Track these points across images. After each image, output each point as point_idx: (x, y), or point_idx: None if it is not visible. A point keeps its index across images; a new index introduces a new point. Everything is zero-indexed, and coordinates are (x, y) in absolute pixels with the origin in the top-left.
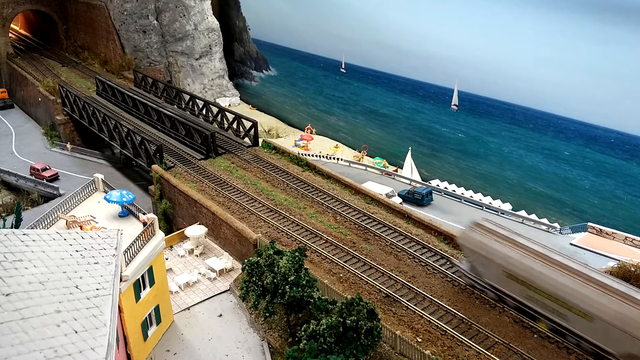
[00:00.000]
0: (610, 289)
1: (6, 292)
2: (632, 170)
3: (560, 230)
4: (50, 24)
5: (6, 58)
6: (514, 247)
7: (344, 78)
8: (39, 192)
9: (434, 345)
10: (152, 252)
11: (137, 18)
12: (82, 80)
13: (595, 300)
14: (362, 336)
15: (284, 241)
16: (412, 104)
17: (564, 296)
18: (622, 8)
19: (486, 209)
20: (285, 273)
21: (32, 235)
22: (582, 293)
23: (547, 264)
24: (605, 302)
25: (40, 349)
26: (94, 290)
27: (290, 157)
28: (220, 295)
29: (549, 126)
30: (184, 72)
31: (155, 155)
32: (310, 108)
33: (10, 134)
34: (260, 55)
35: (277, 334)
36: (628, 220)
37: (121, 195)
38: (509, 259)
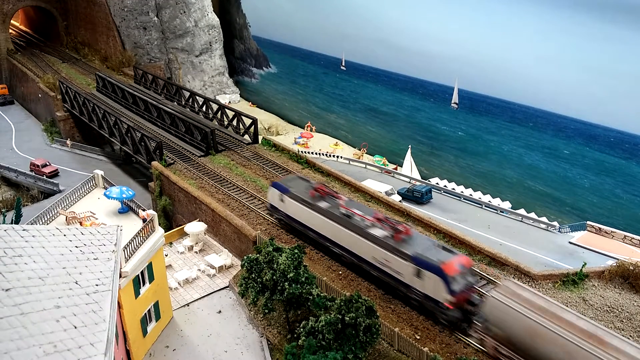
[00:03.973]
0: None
1: (6, 287)
2: (631, 169)
3: (559, 228)
4: (50, 20)
5: (6, 54)
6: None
7: (344, 76)
8: (38, 188)
9: (433, 342)
10: (152, 248)
11: (138, 14)
12: (82, 77)
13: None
14: (361, 333)
15: (283, 238)
16: (412, 102)
17: None
18: (623, 7)
19: (486, 207)
20: (284, 270)
21: (31, 231)
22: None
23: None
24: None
25: (39, 344)
26: (94, 286)
27: (290, 155)
28: (219, 292)
29: (548, 125)
30: (184, 69)
31: (155, 152)
32: (310, 105)
33: (10, 130)
34: (260, 53)
35: (276, 331)
36: (627, 219)
37: (121, 192)
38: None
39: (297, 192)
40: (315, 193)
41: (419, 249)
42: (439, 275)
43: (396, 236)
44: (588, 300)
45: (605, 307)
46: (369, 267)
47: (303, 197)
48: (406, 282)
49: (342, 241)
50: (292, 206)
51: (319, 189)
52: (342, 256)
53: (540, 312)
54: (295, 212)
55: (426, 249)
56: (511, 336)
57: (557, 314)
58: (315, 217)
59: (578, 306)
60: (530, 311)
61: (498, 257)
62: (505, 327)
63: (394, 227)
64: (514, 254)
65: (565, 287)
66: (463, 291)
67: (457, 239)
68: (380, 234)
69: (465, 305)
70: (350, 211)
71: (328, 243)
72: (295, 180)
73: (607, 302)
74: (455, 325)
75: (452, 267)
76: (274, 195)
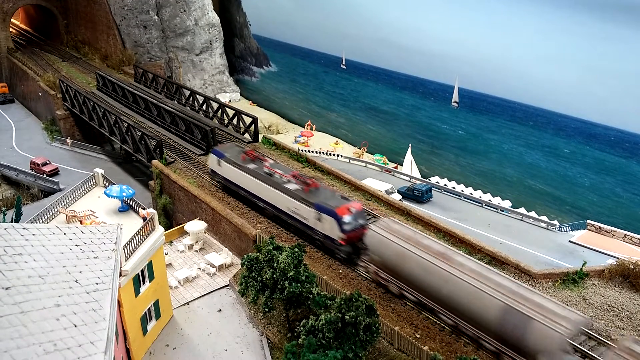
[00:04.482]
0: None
1: (6, 285)
2: (631, 168)
3: (559, 227)
4: (50, 18)
5: (7, 53)
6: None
7: (345, 74)
8: (39, 187)
9: (433, 341)
10: (152, 247)
11: (138, 13)
12: (83, 75)
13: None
14: (361, 332)
15: (283, 237)
16: (412, 101)
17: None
18: (623, 6)
19: (486, 206)
20: (284, 269)
21: (32, 230)
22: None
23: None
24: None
25: (39, 342)
26: (94, 285)
27: (290, 154)
28: (219, 291)
29: (549, 124)
30: (184, 67)
31: (155, 151)
32: (311, 104)
33: (11, 129)
34: (260, 51)
35: (276, 329)
36: (627, 218)
37: (121, 190)
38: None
39: (231, 157)
40: (245, 157)
41: (321, 198)
42: (333, 218)
43: (305, 189)
44: (588, 299)
45: (606, 306)
46: (285, 216)
47: (235, 160)
48: (311, 226)
49: (265, 196)
50: (227, 169)
51: (248, 153)
52: (265, 209)
53: (406, 240)
54: (229, 174)
55: (327, 198)
56: (386, 260)
57: (419, 241)
58: (245, 177)
59: (578, 305)
60: (399, 239)
61: (498, 256)
62: (381, 253)
63: (305, 181)
64: (514, 253)
65: (565, 286)
66: (353, 230)
67: (457, 237)
68: (293, 187)
69: (356, 241)
70: (272, 170)
71: (255, 199)
72: (231, 147)
73: (607, 301)
74: (348, 259)
75: (344, 210)
76: (213, 160)
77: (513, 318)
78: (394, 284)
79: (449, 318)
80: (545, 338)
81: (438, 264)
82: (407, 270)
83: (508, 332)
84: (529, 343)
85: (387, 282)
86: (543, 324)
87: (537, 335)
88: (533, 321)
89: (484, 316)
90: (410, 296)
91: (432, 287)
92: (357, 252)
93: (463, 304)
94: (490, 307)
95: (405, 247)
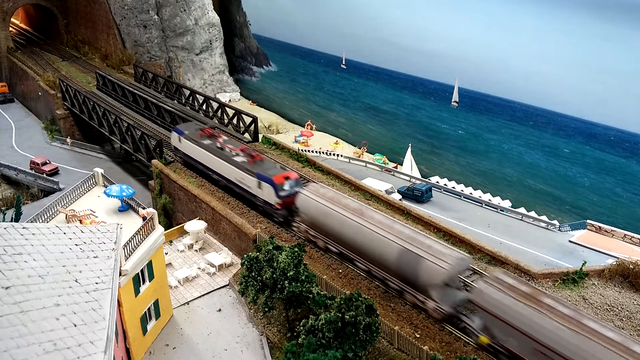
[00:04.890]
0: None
1: (6, 285)
2: (631, 168)
3: (559, 227)
4: (50, 18)
5: (6, 52)
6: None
7: (345, 74)
8: (38, 186)
9: (432, 340)
10: (152, 246)
11: (138, 13)
12: (83, 75)
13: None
14: (361, 331)
15: (283, 237)
16: (412, 101)
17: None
18: (622, 6)
19: (486, 206)
20: (284, 268)
21: (31, 229)
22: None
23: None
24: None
25: (39, 342)
26: (93, 284)
27: (290, 153)
28: (219, 290)
29: (549, 124)
30: (184, 67)
31: (155, 150)
32: (311, 104)
33: (11, 128)
34: (260, 51)
35: (276, 329)
36: (627, 218)
37: (121, 190)
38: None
39: (190, 134)
40: (202, 134)
41: (262, 169)
42: (271, 185)
43: (250, 161)
44: (588, 298)
45: (605, 306)
46: (233, 185)
47: (193, 137)
48: (253, 193)
49: (217, 168)
50: (187, 145)
51: (205, 130)
52: (219, 181)
53: (329, 200)
54: (188, 150)
55: (267, 169)
56: (312, 219)
57: (339, 200)
58: (201, 152)
59: (578, 305)
60: (323, 199)
61: (498, 255)
62: (309, 213)
63: (250, 154)
64: (514, 253)
65: (565, 286)
66: (288, 196)
67: (457, 237)
68: (240, 160)
69: (291, 206)
70: (223, 145)
71: (210, 172)
72: (190, 125)
73: (607, 300)
74: (285, 221)
75: (280, 179)
76: (175, 138)
77: (408, 258)
78: (321, 239)
79: (363, 265)
80: (432, 273)
81: (353, 218)
82: (329, 225)
83: (405, 270)
84: (420, 278)
85: (315, 239)
86: (431, 262)
87: (426, 271)
88: (423, 259)
89: (387, 258)
90: (333, 249)
91: (349, 239)
92: (292, 215)
93: (371, 250)
94: (390, 250)
95: (327, 206)
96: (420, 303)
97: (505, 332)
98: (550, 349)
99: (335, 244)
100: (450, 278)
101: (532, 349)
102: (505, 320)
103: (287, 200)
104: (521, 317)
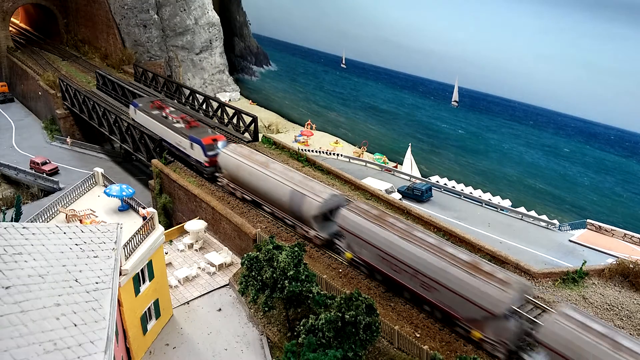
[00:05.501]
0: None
1: (6, 285)
2: (631, 168)
3: (559, 226)
4: (50, 17)
5: (6, 52)
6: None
7: (345, 74)
8: (38, 186)
9: (432, 340)
10: (152, 246)
11: (138, 12)
12: (83, 75)
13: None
14: (361, 331)
15: (283, 236)
16: (412, 100)
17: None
18: (623, 5)
19: (486, 205)
20: (284, 268)
21: (31, 229)
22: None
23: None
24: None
25: (39, 341)
26: (94, 284)
27: (290, 153)
28: (219, 290)
29: (549, 123)
30: (184, 66)
31: (155, 150)
32: (311, 103)
33: (11, 128)
34: (260, 50)
35: (276, 329)
36: (627, 217)
37: (121, 190)
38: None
39: (143, 107)
40: (152, 106)
41: (195, 133)
42: (200, 146)
43: (187, 126)
44: (588, 298)
45: (605, 305)
46: (174, 149)
47: (145, 109)
48: (187, 153)
49: (162, 134)
50: (140, 116)
51: (155, 103)
52: (165, 147)
53: (243, 156)
54: (141, 120)
55: (199, 133)
56: (231, 173)
57: (250, 156)
58: (150, 122)
59: (578, 304)
60: (238, 156)
61: (498, 255)
62: (228, 168)
63: (188, 121)
64: (514, 252)
65: (565, 285)
66: (215, 155)
67: (457, 237)
68: (179, 126)
69: (217, 164)
70: (168, 115)
71: (158, 138)
72: (144, 99)
73: (607, 300)
74: (212, 177)
75: (208, 140)
76: (132, 111)
77: (295, 197)
78: (239, 190)
79: (268, 208)
80: (311, 206)
81: (260, 169)
82: (243, 177)
83: (294, 207)
84: (303, 212)
85: (235, 190)
86: (310, 198)
87: (307, 205)
88: (305, 196)
89: (283, 199)
90: (247, 197)
91: (257, 187)
92: (218, 171)
93: (272, 194)
94: (284, 192)
95: (241, 161)
96: (305, 233)
97: (359, 246)
98: (389, 254)
99: (249, 193)
100: (323, 210)
101: (378, 256)
102: (358, 236)
103: (214, 159)
104: (369, 233)
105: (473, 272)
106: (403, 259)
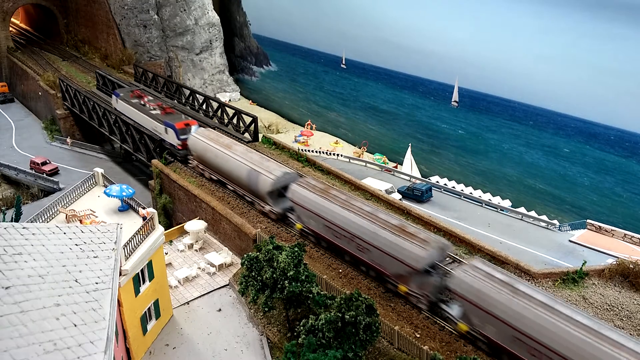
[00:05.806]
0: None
1: (6, 285)
2: (631, 168)
3: (559, 227)
4: (50, 18)
5: (7, 52)
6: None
7: (345, 74)
8: (38, 186)
9: (432, 340)
10: (152, 246)
11: (138, 12)
12: (83, 75)
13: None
14: (361, 331)
15: (283, 236)
16: (412, 100)
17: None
18: (623, 5)
19: (486, 206)
20: (284, 268)
21: (31, 229)
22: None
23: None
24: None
25: (39, 342)
26: (94, 284)
27: (290, 153)
28: (219, 290)
29: (549, 123)
30: (184, 67)
31: (155, 150)
32: (311, 104)
33: (11, 128)
34: (260, 51)
35: (276, 329)
36: (627, 218)
37: (121, 190)
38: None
39: (124, 96)
40: (132, 95)
41: (169, 118)
42: (173, 130)
43: (162, 113)
44: (588, 298)
45: (605, 305)
46: (150, 133)
47: (126, 98)
48: (163, 138)
49: (140, 121)
50: (121, 105)
51: (134, 92)
52: (142, 132)
53: (209, 139)
54: (122, 109)
55: (173, 119)
56: (200, 155)
57: (217, 139)
58: (130, 110)
59: (578, 304)
60: (206, 139)
61: (498, 255)
62: (197, 151)
63: (163, 107)
64: (514, 252)
65: (565, 286)
66: (187, 139)
67: (457, 237)
68: (155, 113)
69: (186, 146)
70: (146, 103)
71: (137, 124)
72: (125, 89)
73: (607, 300)
74: (184, 160)
75: (181, 125)
76: (114, 100)
77: (252, 175)
78: (207, 171)
79: (231, 187)
80: (265, 183)
81: (224, 151)
82: (209, 159)
83: (252, 185)
84: (259, 189)
85: (203, 171)
86: (264, 175)
87: (262, 182)
88: (260, 174)
89: (242, 178)
90: (214, 178)
91: (221, 168)
92: (190, 154)
93: (234, 174)
94: (243, 171)
95: (208, 144)
96: (262, 208)
97: (307, 217)
98: (332, 222)
99: (215, 174)
100: (276, 186)
101: (323, 225)
102: (306, 208)
103: (185, 142)
104: (315, 205)
105: (398, 233)
106: (342, 225)
